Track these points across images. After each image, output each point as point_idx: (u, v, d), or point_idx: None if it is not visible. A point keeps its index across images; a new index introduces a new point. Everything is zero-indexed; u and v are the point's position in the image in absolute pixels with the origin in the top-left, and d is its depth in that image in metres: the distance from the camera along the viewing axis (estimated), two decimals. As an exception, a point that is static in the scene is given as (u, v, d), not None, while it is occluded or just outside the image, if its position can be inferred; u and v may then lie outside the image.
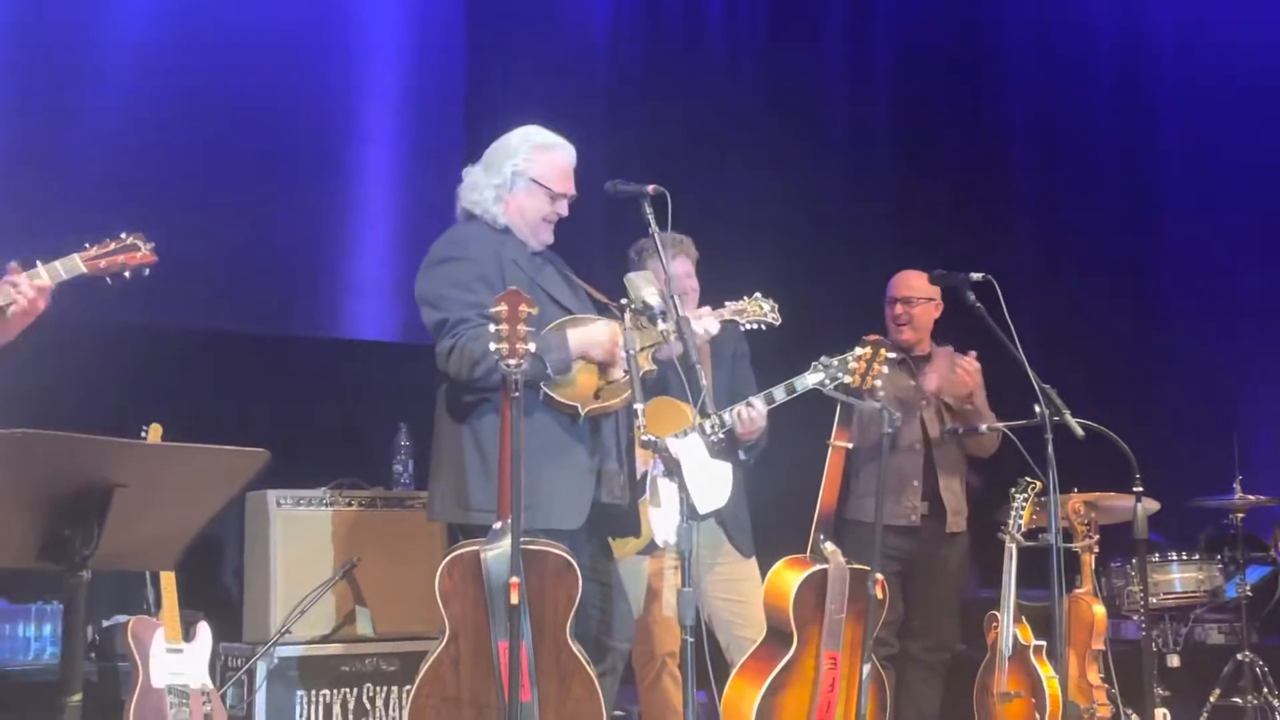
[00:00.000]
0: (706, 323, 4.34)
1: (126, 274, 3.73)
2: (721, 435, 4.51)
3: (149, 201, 6.08)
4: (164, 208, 5.90)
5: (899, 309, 5.61)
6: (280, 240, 6.83)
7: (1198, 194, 8.52)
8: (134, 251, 3.75)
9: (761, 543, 4.94)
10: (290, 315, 6.94)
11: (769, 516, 5.09)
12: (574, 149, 4.37)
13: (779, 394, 4.67)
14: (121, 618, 5.10)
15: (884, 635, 4.94)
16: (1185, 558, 6.25)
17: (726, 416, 4.60)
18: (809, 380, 4.65)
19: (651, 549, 4.66)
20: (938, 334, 5.69)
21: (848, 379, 4.56)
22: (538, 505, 3.94)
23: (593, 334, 4.11)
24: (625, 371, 4.05)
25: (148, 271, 3.79)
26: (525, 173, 4.26)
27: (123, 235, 3.78)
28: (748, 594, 4.79)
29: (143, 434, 4.85)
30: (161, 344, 6.40)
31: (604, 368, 4.15)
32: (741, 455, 4.83)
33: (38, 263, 3.58)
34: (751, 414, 4.63)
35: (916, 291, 5.58)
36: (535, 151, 4.30)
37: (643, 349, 4.07)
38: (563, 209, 4.33)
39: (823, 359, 4.66)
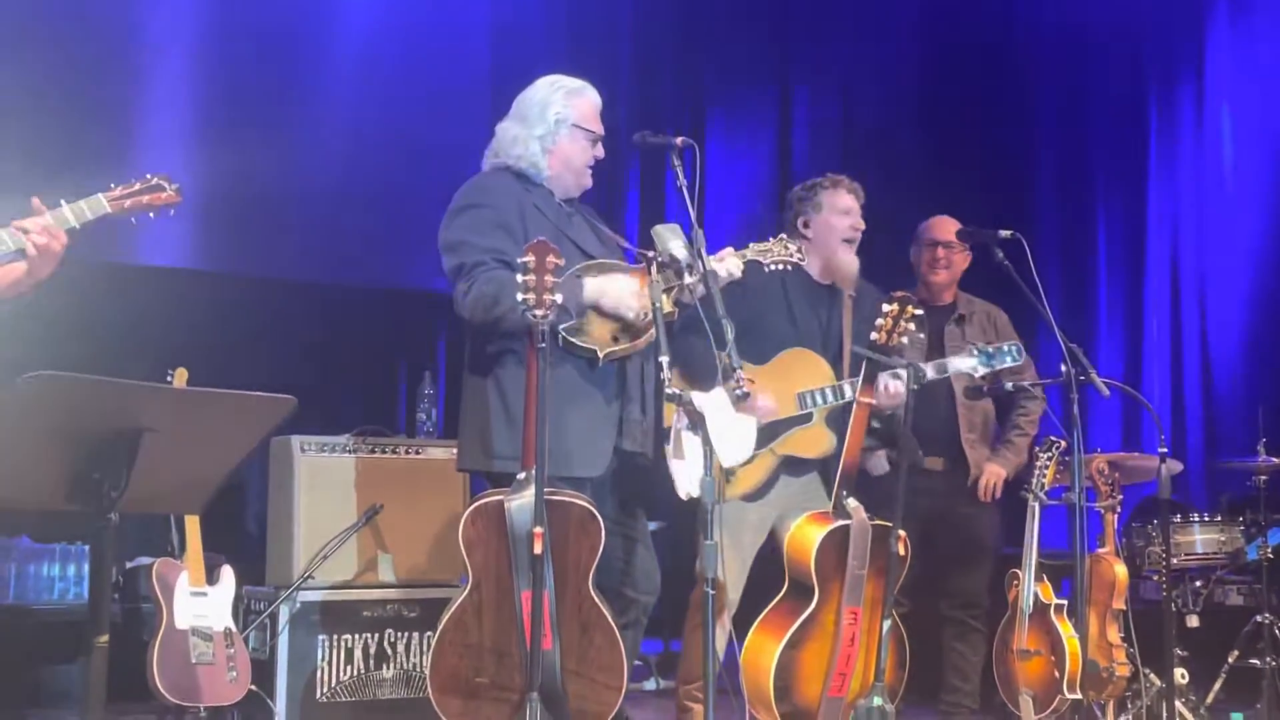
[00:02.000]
0: (729, 264, 4.32)
1: (152, 214, 3.71)
2: (745, 389, 4.51)
3: (180, 142, 6.08)
4: (194, 149, 5.90)
5: (940, 252, 5.52)
6: (312, 186, 6.82)
7: (1227, 156, 8.46)
8: (159, 192, 3.73)
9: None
10: (318, 261, 6.94)
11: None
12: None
13: (930, 372, 4.69)
14: (145, 559, 5.15)
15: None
16: (1207, 519, 6.22)
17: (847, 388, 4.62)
18: (962, 366, 4.78)
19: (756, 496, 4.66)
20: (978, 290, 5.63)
21: (875, 335, 4.54)
22: (557, 453, 3.94)
23: (607, 286, 4.09)
24: (646, 316, 4.05)
25: (173, 212, 3.77)
26: (567, 119, 4.27)
27: (148, 175, 3.76)
28: None
29: (168, 378, 4.87)
30: (189, 288, 6.43)
31: (618, 319, 4.14)
32: (874, 423, 4.82)
33: (62, 202, 3.55)
34: (899, 387, 4.61)
35: (954, 236, 5.51)
36: (570, 97, 4.31)
37: (665, 289, 4.06)
38: (600, 151, 4.35)
39: (977, 345, 4.83)
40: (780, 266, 4.52)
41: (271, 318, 6.61)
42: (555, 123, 4.25)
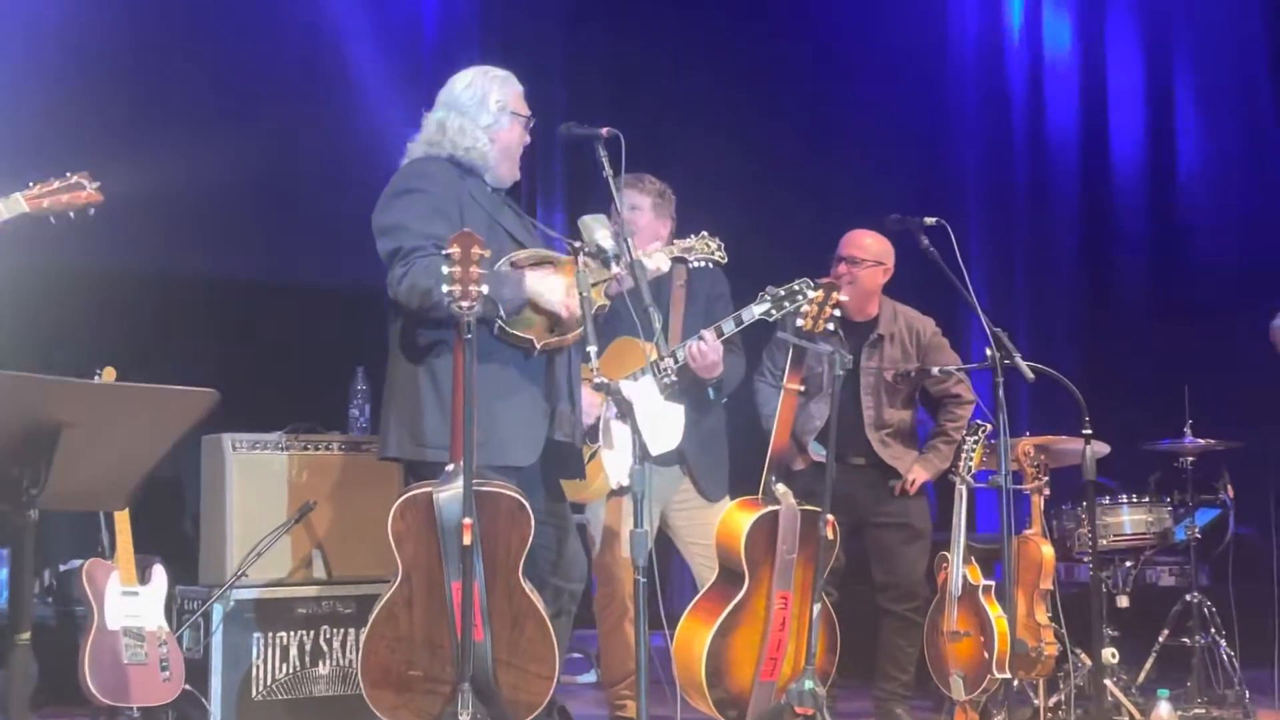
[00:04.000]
0: (656, 260, 4.35)
1: (71, 214, 3.69)
2: (674, 377, 4.54)
3: (97, 139, 6.03)
4: (117, 147, 5.85)
5: (842, 268, 5.37)
6: (238, 183, 6.78)
7: (1152, 138, 8.57)
8: (79, 190, 3.71)
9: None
10: (249, 260, 6.90)
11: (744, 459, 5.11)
12: None
13: (728, 326, 4.71)
14: (78, 562, 5.10)
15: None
16: (1135, 500, 6.28)
17: (680, 353, 4.63)
18: (755, 311, 4.69)
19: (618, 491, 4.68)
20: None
21: (800, 322, 4.58)
22: (492, 442, 3.96)
23: (548, 284, 4.11)
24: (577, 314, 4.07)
25: (93, 211, 3.75)
26: (507, 107, 4.29)
27: (68, 174, 3.74)
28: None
29: (96, 377, 4.83)
30: (118, 287, 6.38)
31: (553, 315, 4.16)
32: (710, 394, 4.85)
33: (-22, 199, 3.54)
34: (702, 347, 4.65)
35: (863, 252, 5.38)
36: (505, 84, 4.33)
37: (595, 284, 4.09)
38: (528, 137, 4.37)
39: (769, 289, 4.68)
40: (702, 263, 4.56)
41: (202, 318, 6.58)
42: (498, 111, 4.26)
